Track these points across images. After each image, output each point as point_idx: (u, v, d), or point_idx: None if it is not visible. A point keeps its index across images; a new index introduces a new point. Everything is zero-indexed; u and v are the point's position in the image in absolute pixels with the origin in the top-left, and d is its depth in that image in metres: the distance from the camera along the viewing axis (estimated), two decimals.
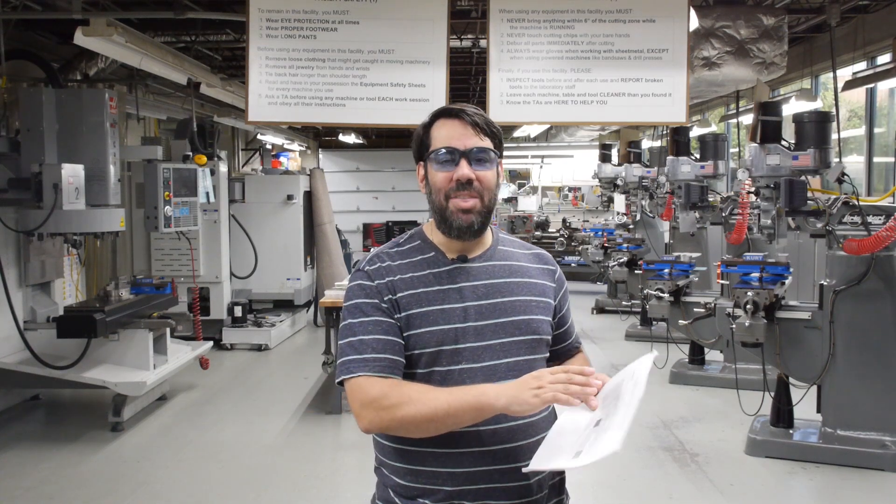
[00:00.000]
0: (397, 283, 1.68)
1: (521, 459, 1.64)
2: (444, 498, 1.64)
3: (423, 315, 1.66)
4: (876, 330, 4.55)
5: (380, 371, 1.60)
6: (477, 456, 1.64)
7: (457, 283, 1.70)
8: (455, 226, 1.69)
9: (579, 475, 4.57)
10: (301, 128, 13.09)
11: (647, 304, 5.78)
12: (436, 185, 1.70)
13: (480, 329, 1.67)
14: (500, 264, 1.76)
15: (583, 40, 4.91)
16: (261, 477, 4.57)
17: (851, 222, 4.51)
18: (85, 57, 6.03)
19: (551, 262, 1.87)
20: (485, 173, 1.69)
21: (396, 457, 1.69)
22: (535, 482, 1.68)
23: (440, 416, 1.53)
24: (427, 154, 1.72)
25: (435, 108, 1.79)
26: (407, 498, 1.68)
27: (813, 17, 6.35)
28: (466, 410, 1.53)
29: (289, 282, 9.00)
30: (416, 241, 1.77)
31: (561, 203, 15.52)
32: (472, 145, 1.68)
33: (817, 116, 4.78)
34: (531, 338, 1.71)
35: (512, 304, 1.72)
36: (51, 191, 4.80)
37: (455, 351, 1.65)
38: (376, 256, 1.76)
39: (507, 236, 1.88)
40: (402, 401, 1.55)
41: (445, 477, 1.64)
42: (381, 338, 1.63)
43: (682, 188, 6.96)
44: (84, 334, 5.12)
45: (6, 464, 4.75)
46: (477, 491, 1.64)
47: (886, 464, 4.45)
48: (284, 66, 4.89)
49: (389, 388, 1.58)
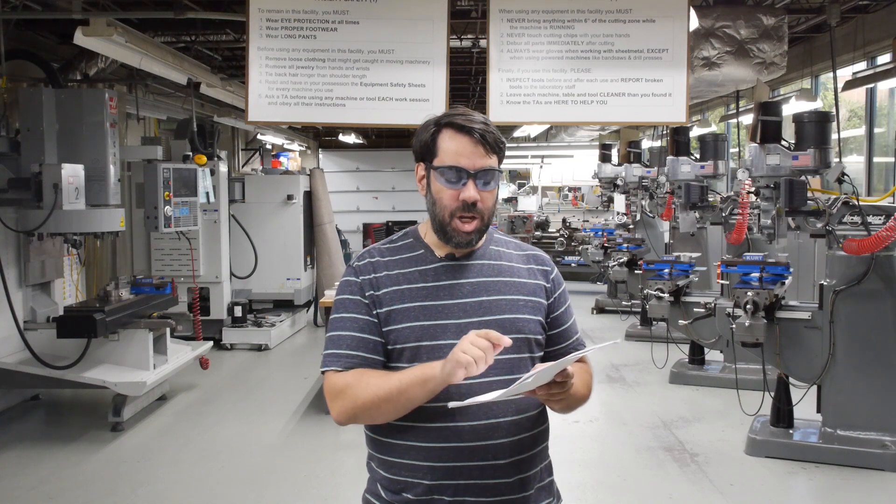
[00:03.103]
0: (382, 279, 1.73)
1: (502, 457, 1.67)
2: (424, 492, 1.67)
3: (404, 311, 1.70)
4: (876, 330, 4.55)
5: (349, 367, 1.68)
6: (456, 451, 1.65)
7: (442, 280, 1.73)
8: (454, 241, 1.73)
9: (579, 475, 4.57)
10: (301, 128, 13.09)
11: (647, 304, 5.78)
12: (441, 201, 1.72)
13: (463, 326, 1.68)
14: (488, 263, 1.78)
15: (583, 40, 4.91)
16: (261, 477, 4.57)
17: (851, 222, 4.51)
18: (85, 57, 6.03)
19: (547, 262, 1.87)
20: (488, 194, 1.73)
21: (382, 450, 1.73)
22: (517, 480, 1.69)
23: (394, 395, 1.61)
24: (432, 164, 1.73)
25: (439, 111, 1.80)
26: (392, 492, 1.71)
27: (813, 17, 6.35)
28: (414, 384, 1.59)
29: (289, 282, 9.00)
30: (408, 239, 1.82)
31: (561, 203, 15.51)
32: (480, 166, 1.70)
33: (817, 116, 4.77)
34: (516, 336, 1.71)
35: (497, 302, 1.73)
36: (51, 191, 4.80)
37: (435, 347, 1.66)
38: (367, 252, 1.82)
39: (503, 236, 1.89)
40: (361, 387, 1.64)
41: (425, 471, 1.66)
42: (356, 335, 1.70)
43: (682, 188, 6.96)
44: (84, 334, 5.12)
45: (6, 464, 4.75)
46: (456, 486, 1.66)
47: (886, 464, 4.45)
48: (284, 66, 4.89)
49: (352, 378, 1.66)
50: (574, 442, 5.09)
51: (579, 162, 14.73)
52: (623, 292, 8.77)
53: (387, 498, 1.72)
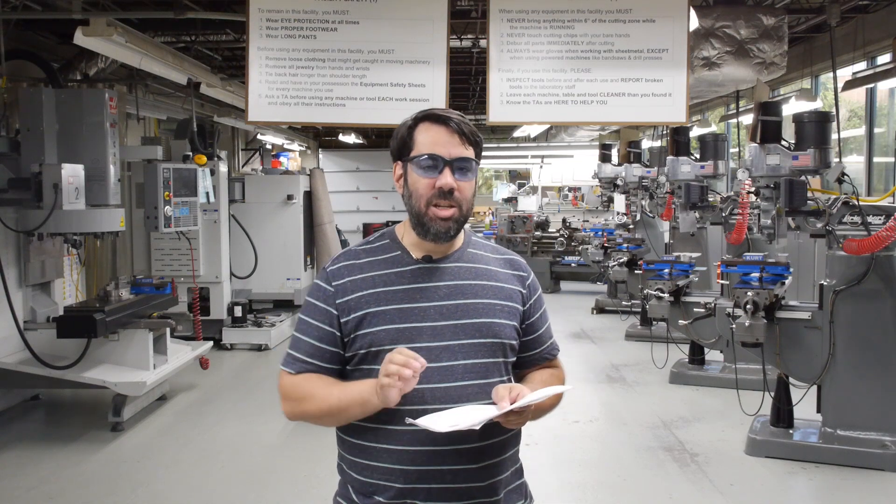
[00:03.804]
0: (357, 282, 1.73)
1: (475, 461, 1.66)
2: (396, 496, 1.66)
3: (379, 314, 1.69)
4: (876, 330, 4.55)
5: (301, 372, 1.74)
6: (429, 455, 1.65)
7: (418, 283, 1.72)
8: (432, 231, 1.71)
9: (579, 475, 4.57)
10: (301, 128, 13.09)
11: (647, 304, 5.78)
12: (417, 190, 1.72)
13: (439, 329, 1.68)
14: (465, 266, 1.77)
15: (583, 40, 4.91)
16: (261, 477, 4.57)
17: (851, 222, 4.51)
18: (85, 57, 6.03)
19: (524, 268, 1.87)
20: (466, 184, 1.72)
21: (354, 452, 1.73)
22: (489, 485, 1.69)
23: (334, 412, 1.67)
24: (409, 157, 1.73)
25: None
26: (363, 495, 1.70)
27: (813, 17, 6.35)
28: (354, 404, 1.64)
29: (289, 282, 9.00)
30: (385, 240, 1.81)
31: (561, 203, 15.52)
32: (456, 154, 1.70)
33: (817, 116, 4.77)
34: (491, 341, 1.71)
35: (474, 306, 1.72)
36: (51, 191, 4.80)
37: (411, 350, 1.64)
38: (344, 255, 1.82)
39: (480, 239, 1.88)
40: (305, 397, 1.71)
41: (398, 474, 1.66)
42: (314, 343, 1.73)
43: (682, 188, 6.96)
44: (84, 334, 5.12)
45: (6, 464, 4.75)
46: (428, 490, 1.66)
47: (886, 464, 4.45)
48: (284, 66, 4.89)
49: (299, 383, 1.73)
50: (574, 442, 5.10)
51: (579, 162, 14.74)
52: (623, 292, 8.77)
53: (358, 501, 1.71)
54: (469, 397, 1.66)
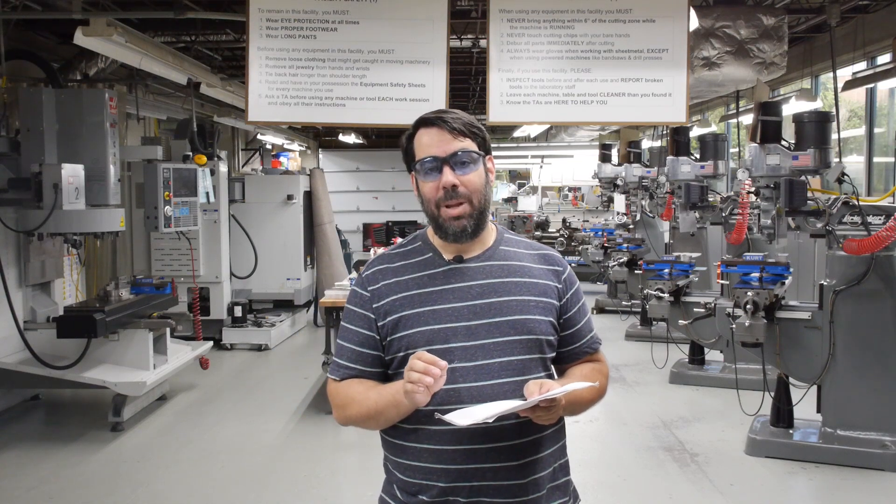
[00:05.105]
0: (392, 286, 1.76)
1: (514, 458, 1.67)
2: (438, 494, 1.67)
3: (413, 316, 1.70)
4: (876, 330, 4.56)
5: (345, 378, 1.77)
6: (468, 453, 1.66)
7: (451, 283, 1.73)
8: (450, 232, 1.73)
9: (579, 475, 4.56)
10: (301, 128, 13.09)
11: (647, 304, 5.78)
12: (425, 195, 1.74)
13: (473, 329, 1.69)
14: (498, 264, 1.77)
15: (583, 40, 4.91)
16: (261, 477, 4.57)
17: (851, 222, 4.51)
18: (85, 57, 6.03)
19: (559, 262, 1.86)
20: (469, 176, 1.72)
21: (397, 452, 1.74)
22: (530, 481, 1.70)
23: (373, 415, 1.70)
24: (413, 165, 1.76)
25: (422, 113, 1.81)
26: (408, 493, 1.72)
27: (813, 17, 6.35)
28: (389, 406, 1.66)
29: (289, 282, 9.00)
30: (417, 243, 1.83)
31: (561, 203, 15.49)
32: (451, 150, 1.71)
33: (817, 116, 4.77)
34: (527, 338, 1.71)
35: (508, 303, 1.72)
36: (51, 191, 4.80)
37: (446, 350, 1.66)
38: (378, 259, 1.84)
39: (514, 236, 1.88)
40: (347, 402, 1.74)
41: (439, 473, 1.67)
42: (355, 348, 1.76)
43: (682, 188, 6.95)
44: (84, 334, 5.12)
45: (6, 464, 4.75)
46: (470, 488, 1.66)
47: (886, 464, 4.45)
48: (284, 66, 4.89)
49: (343, 389, 1.76)
50: (574, 442, 5.05)
51: (579, 162, 14.72)
52: (623, 292, 8.76)
53: (403, 499, 1.73)
54: (506, 395, 1.66)
